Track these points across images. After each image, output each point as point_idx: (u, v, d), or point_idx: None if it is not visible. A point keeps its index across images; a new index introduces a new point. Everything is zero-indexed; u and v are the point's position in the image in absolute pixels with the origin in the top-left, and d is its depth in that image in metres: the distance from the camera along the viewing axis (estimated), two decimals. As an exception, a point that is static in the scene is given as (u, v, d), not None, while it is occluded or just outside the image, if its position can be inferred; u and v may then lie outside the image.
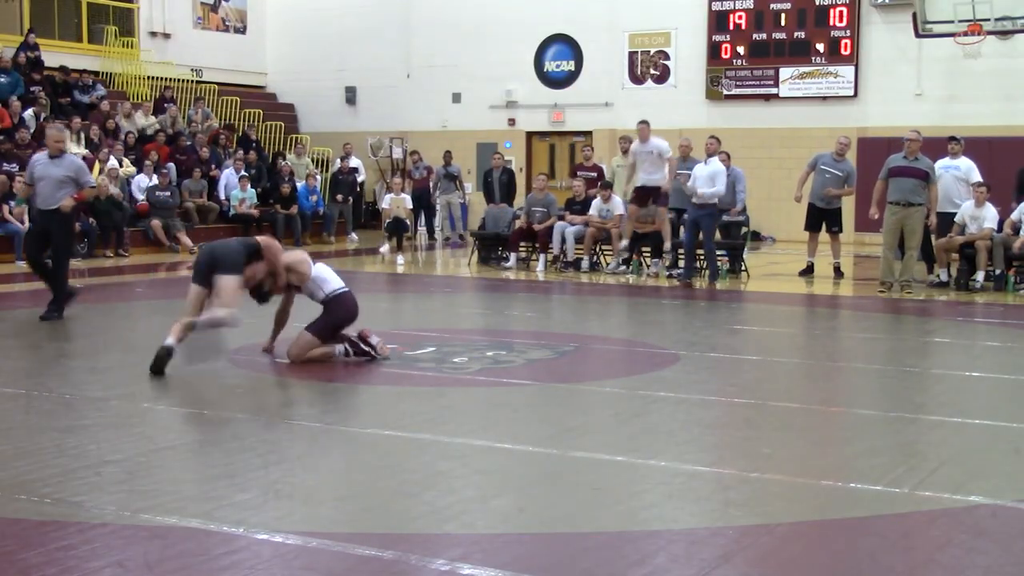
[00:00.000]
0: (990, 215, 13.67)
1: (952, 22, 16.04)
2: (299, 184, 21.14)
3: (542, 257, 16.13)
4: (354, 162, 22.69)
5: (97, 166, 18.43)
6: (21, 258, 16.11)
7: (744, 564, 4.16)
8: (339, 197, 21.63)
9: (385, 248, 17.91)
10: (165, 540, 4.34)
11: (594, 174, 17.12)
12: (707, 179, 13.95)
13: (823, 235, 15.12)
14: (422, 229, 21.91)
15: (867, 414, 6.94)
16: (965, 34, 16.21)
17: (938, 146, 14.71)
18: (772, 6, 21.61)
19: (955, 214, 13.92)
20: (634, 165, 15.36)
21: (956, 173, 14.15)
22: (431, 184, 21.13)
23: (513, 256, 16.53)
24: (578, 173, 17.32)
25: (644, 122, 15.40)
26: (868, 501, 4.95)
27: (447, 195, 21.01)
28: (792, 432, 6.39)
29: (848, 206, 16.39)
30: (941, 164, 14.14)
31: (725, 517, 4.70)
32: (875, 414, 6.93)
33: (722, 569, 4.07)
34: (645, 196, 15.10)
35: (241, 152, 21.43)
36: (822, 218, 15.02)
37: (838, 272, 15.03)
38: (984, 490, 5.11)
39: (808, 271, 15.13)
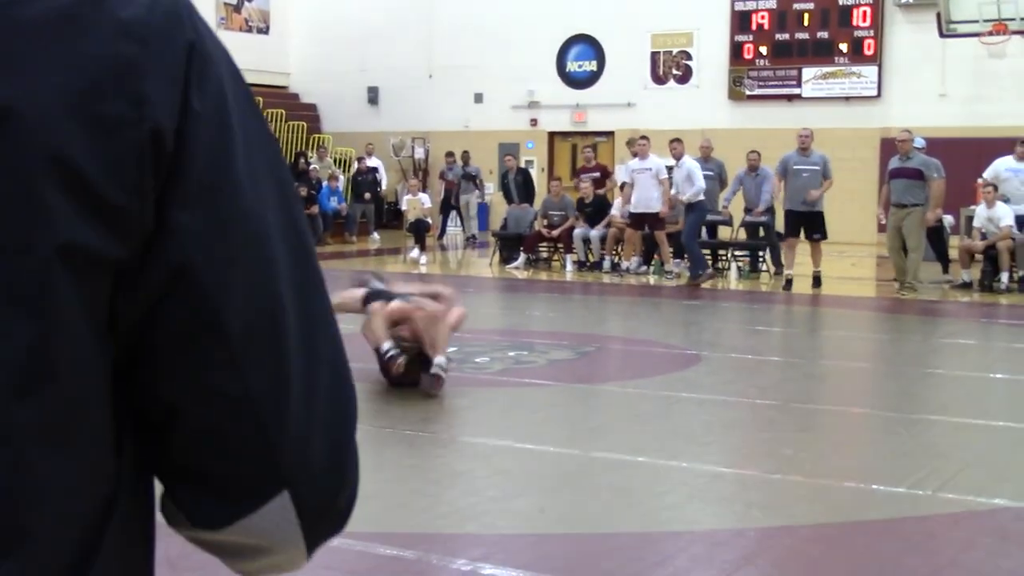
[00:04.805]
0: (1004, 213, 13.56)
1: (977, 22, 15.91)
2: (323, 184, 21.19)
3: (568, 258, 16.16)
4: (374, 162, 22.69)
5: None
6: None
7: (766, 566, 4.15)
8: (367, 195, 21.65)
9: (415, 253, 17.70)
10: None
11: (598, 173, 17.26)
12: (684, 181, 14.11)
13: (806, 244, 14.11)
14: (456, 229, 21.90)
15: (890, 416, 6.91)
16: (990, 34, 16.09)
17: (964, 147, 14.60)
18: (795, 6, 21.51)
19: None
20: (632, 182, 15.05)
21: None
22: (457, 184, 21.15)
23: (522, 256, 16.57)
24: (582, 175, 17.38)
25: (644, 138, 15.25)
26: (891, 503, 4.93)
27: (466, 195, 21.07)
28: (814, 433, 6.37)
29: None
30: (1008, 168, 13.83)
31: (747, 518, 4.69)
32: (898, 416, 6.90)
33: (744, 571, 4.07)
34: (641, 221, 15.04)
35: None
36: (802, 224, 13.78)
37: (817, 281, 13.61)
38: (1008, 493, 5.08)
39: (787, 287, 13.60)
